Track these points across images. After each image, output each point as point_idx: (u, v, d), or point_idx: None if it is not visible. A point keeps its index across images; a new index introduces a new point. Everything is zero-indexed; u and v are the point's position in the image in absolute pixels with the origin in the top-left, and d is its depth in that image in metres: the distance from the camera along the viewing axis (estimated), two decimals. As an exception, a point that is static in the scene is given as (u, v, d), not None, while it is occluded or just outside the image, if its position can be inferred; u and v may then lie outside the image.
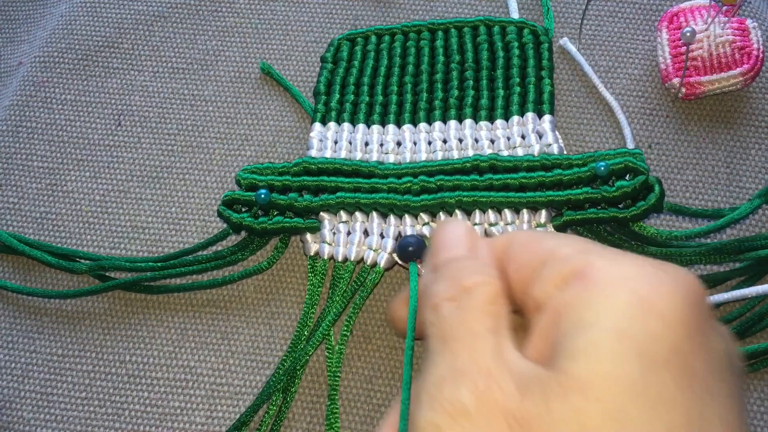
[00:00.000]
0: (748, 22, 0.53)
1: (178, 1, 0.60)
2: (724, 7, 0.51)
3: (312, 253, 0.49)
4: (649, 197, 0.46)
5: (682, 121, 0.53)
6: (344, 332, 0.47)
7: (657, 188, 0.46)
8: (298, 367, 0.46)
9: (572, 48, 0.55)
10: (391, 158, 0.51)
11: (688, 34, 0.50)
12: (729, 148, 0.52)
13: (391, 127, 0.52)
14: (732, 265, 0.48)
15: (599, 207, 0.47)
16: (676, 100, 0.54)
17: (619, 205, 0.47)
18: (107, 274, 0.51)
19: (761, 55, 0.52)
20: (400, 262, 0.48)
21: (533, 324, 0.31)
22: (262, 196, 0.49)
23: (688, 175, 0.51)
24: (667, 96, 0.54)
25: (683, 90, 0.52)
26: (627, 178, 0.47)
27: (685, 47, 0.52)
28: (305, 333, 0.47)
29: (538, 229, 0.47)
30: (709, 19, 0.52)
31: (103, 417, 0.47)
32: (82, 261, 0.51)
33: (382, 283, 0.49)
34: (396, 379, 0.47)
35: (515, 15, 0.56)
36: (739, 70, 0.51)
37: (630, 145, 0.51)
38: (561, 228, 0.48)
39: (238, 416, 0.47)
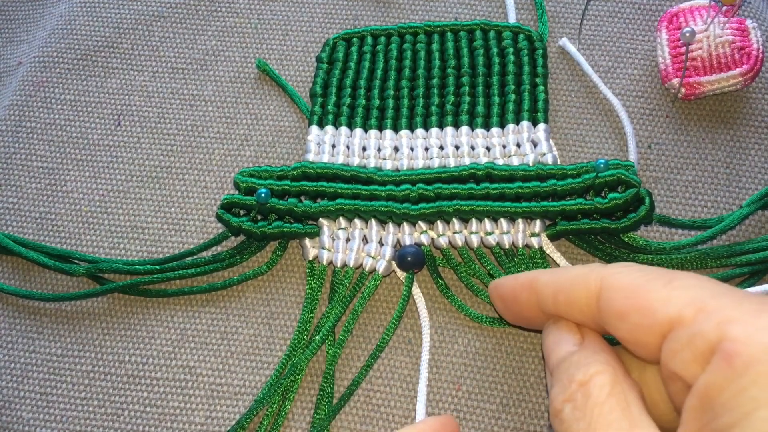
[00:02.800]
0: (748, 22, 0.52)
1: (177, 1, 0.60)
2: (724, 8, 0.51)
3: (311, 258, 0.49)
4: (639, 209, 0.47)
5: (682, 121, 0.53)
6: (342, 337, 0.47)
7: (647, 201, 0.47)
8: (297, 373, 0.46)
9: (572, 48, 0.55)
10: (389, 164, 0.51)
11: (688, 34, 0.50)
12: (729, 149, 0.52)
13: (388, 133, 0.52)
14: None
15: (592, 218, 0.48)
16: (675, 100, 0.54)
17: (612, 217, 0.48)
18: (105, 276, 0.51)
19: (761, 56, 0.52)
20: (399, 271, 0.48)
21: (685, 409, 0.30)
22: (263, 195, 0.49)
23: (688, 175, 0.51)
24: (666, 96, 0.54)
25: (683, 90, 0.52)
26: (619, 189, 0.47)
27: (684, 47, 0.52)
28: (304, 338, 0.48)
29: (532, 238, 0.48)
30: (709, 20, 0.52)
31: (102, 417, 0.47)
32: (79, 263, 0.51)
33: (381, 287, 0.49)
34: (396, 379, 0.47)
35: (512, 14, 0.57)
36: (738, 70, 0.51)
37: (631, 142, 0.51)
38: (554, 237, 0.49)
39: (237, 417, 0.47)
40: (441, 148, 0.51)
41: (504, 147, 0.51)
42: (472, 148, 0.51)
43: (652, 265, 0.47)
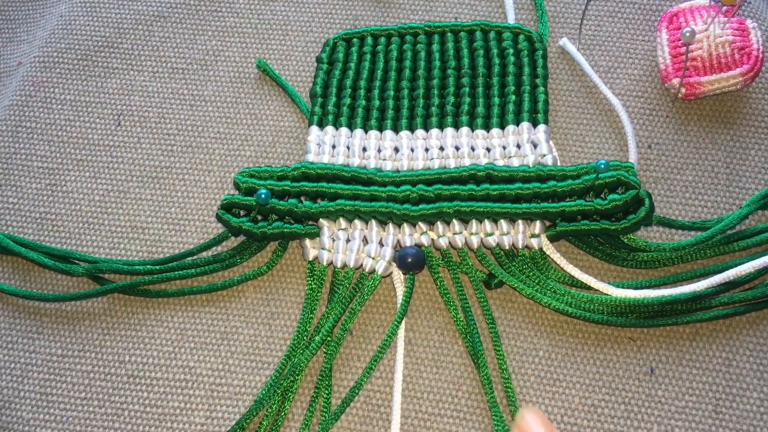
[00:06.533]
0: (748, 22, 0.52)
1: (178, 1, 0.60)
2: (724, 8, 0.51)
3: (311, 258, 0.49)
4: (639, 211, 0.47)
5: (682, 121, 0.53)
6: (339, 335, 0.47)
7: (647, 202, 0.47)
8: (297, 374, 0.46)
9: (572, 48, 0.55)
10: (389, 165, 0.51)
11: (688, 34, 0.50)
12: (729, 149, 0.52)
13: (388, 133, 0.52)
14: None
15: (591, 219, 0.48)
16: (676, 100, 0.54)
17: (611, 218, 0.48)
18: (105, 276, 0.51)
19: (761, 56, 0.51)
20: (396, 273, 0.48)
21: None
22: (263, 196, 0.49)
23: (688, 175, 0.51)
24: (667, 96, 0.54)
25: (683, 90, 0.52)
26: (619, 191, 0.48)
27: (684, 47, 0.52)
28: (304, 338, 0.48)
29: (532, 239, 0.48)
30: (709, 20, 0.52)
31: (102, 417, 0.47)
32: (79, 263, 0.51)
33: (380, 287, 0.49)
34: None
35: (512, 15, 0.56)
36: (738, 70, 0.51)
37: (631, 143, 0.51)
38: (554, 238, 0.49)
39: (237, 417, 0.47)
40: (441, 148, 0.51)
41: (504, 148, 0.51)
42: (472, 149, 0.51)
43: (652, 261, 0.47)
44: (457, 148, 0.51)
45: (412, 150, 0.51)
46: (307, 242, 0.49)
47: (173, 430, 0.47)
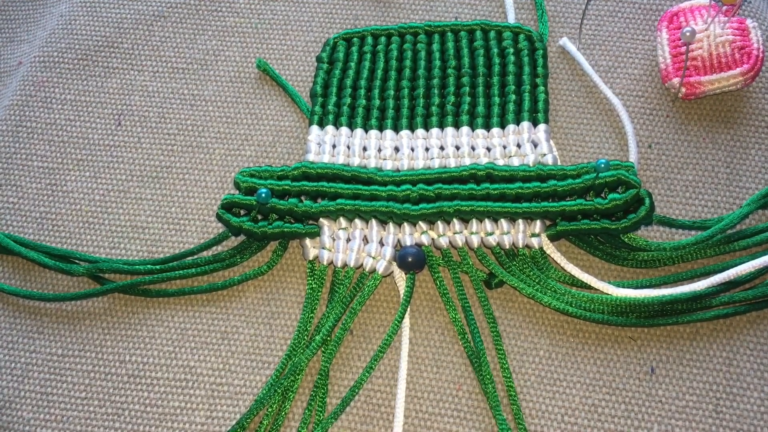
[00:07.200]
0: (748, 22, 0.52)
1: (178, 1, 0.60)
2: (724, 7, 0.51)
3: (311, 258, 0.49)
4: (639, 210, 0.47)
5: (682, 121, 0.53)
6: (339, 335, 0.47)
7: (647, 201, 0.47)
8: (297, 373, 0.46)
9: (572, 48, 0.55)
10: (389, 164, 0.51)
11: (688, 33, 0.50)
12: (729, 148, 0.52)
13: (388, 133, 0.52)
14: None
15: (592, 218, 0.48)
16: (676, 100, 0.54)
17: (611, 217, 0.48)
18: (105, 276, 0.51)
19: (761, 55, 0.52)
20: (397, 272, 0.48)
21: None
22: (263, 195, 0.49)
23: (688, 175, 0.51)
24: (667, 96, 0.54)
25: (683, 90, 0.52)
26: (619, 190, 0.48)
27: (685, 47, 0.52)
28: (304, 338, 0.48)
29: (532, 239, 0.48)
30: (709, 19, 0.52)
31: (103, 417, 0.47)
32: (80, 263, 0.51)
33: (380, 286, 0.49)
34: (396, 379, 0.47)
35: (512, 14, 0.57)
36: (739, 70, 0.51)
37: (632, 142, 0.51)
38: (555, 238, 0.49)
39: (237, 416, 0.47)
40: (441, 148, 0.51)
41: (504, 147, 0.51)
42: (473, 148, 0.51)
43: (652, 260, 0.48)
44: (458, 148, 0.51)
45: (413, 149, 0.51)
46: (308, 242, 0.49)
47: (173, 430, 0.47)
